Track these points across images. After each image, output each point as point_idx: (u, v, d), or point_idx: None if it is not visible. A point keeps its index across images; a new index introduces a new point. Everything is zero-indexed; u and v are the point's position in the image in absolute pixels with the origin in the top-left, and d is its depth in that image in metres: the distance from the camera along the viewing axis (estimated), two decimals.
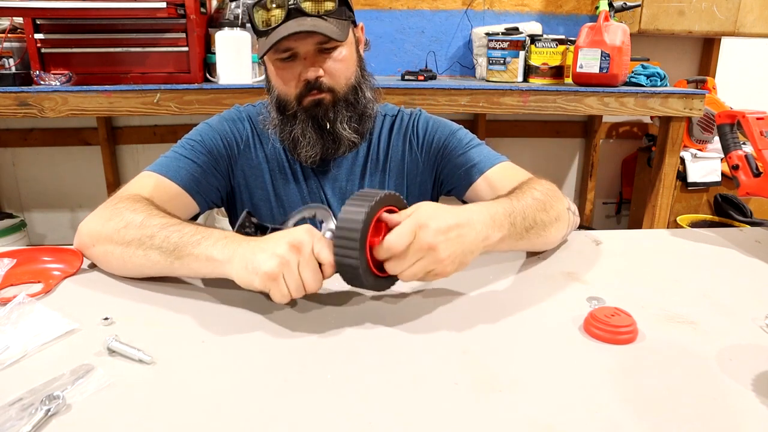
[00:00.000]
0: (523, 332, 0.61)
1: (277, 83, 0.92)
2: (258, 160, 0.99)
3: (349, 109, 0.93)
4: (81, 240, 0.78)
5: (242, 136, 0.98)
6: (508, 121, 2.57)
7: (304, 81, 0.89)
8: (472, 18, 2.37)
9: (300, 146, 0.93)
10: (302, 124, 0.92)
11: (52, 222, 2.52)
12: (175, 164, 0.90)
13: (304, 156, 0.94)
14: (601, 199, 2.80)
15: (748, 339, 0.60)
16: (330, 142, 0.93)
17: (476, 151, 0.97)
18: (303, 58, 0.89)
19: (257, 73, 1.92)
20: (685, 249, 0.90)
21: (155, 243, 0.69)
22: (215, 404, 0.49)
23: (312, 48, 0.88)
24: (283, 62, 0.90)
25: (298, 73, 0.90)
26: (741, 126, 0.95)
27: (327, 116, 0.91)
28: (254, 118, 1.01)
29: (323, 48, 0.89)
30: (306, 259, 0.60)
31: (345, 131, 0.93)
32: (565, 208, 0.86)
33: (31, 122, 2.34)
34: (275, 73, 0.92)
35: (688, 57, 2.66)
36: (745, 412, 0.48)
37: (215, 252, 0.65)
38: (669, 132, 1.93)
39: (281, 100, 0.93)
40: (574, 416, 0.47)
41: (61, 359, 0.55)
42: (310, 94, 0.90)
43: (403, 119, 1.04)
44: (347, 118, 0.93)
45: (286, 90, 0.91)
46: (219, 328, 0.62)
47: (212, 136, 0.96)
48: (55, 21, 1.74)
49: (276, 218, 1.00)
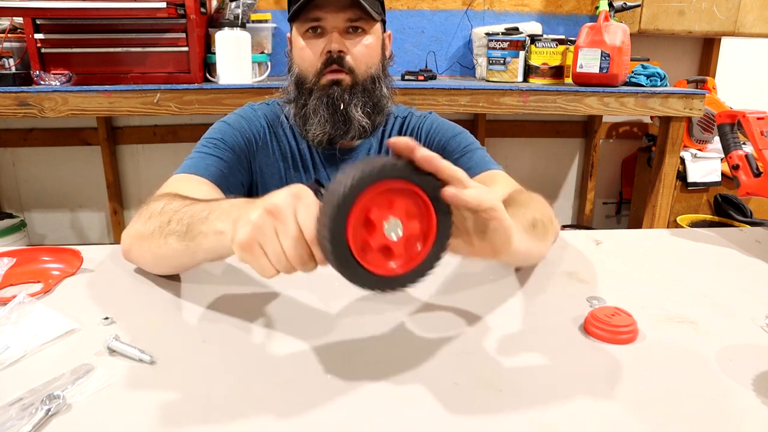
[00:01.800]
0: (523, 332, 0.61)
1: (299, 57, 0.93)
2: (275, 157, 1.00)
3: (365, 94, 0.94)
4: (122, 248, 0.76)
5: (259, 133, 0.99)
6: (508, 121, 2.57)
7: (327, 53, 0.90)
8: (472, 18, 2.37)
9: (309, 123, 0.93)
10: (316, 101, 0.92)
11: (52, 222, 2.52)
12: (203, 162, 0.90)
13: (312, 134, 0.94)
14: (601, 199, 2.80)
15: (748, 339, 0.60)
16: (341, 123, 0.93)
17: (470, 156, 0.97)
18: (330, 32, 0.90)
19: (257, 73, 1.92)
20: (685, 249, 0.90)
21: (171, 228, 0.64)
22: (215, 404, 0.49)
23: (341, 24, 0.89)
24: (310, 35, 0.91)
25: (322, 48, 0.90)
26: (741, 126, 0.95)
27: (342, 97, 0.92)
28: (269, 115, 1.02)
29: (352, 26, 0.90)
30: (285, 227, 0.50)
31: (357, 114, 0.93)
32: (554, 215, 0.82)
33: (31, 122, 2.33)
34: (300, 46, 0.92)
35: (688, 57, 2.66)
36: (745, 412, 0.48)
37: (220, 224, 0.58)
38: (669, 132, 1.93)
39: (301, 75, 0.94)
40: (574, 416, 0.47)
41: (61, 359, 0.55)
42: (331, 69, 0.91)
43: (411, 120, 1.05)
44: (362, 103, 0.94)
45: (307, 65, 0.92)
46: (219, 328, 0.62)
47: (233, 133, 0.96)
48: (55, 21, 1.74)
49: None
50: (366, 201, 0.45)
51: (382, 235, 0.47)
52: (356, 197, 0.45)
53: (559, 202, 2.77)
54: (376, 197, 0.46)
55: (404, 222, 0.48)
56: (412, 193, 0.48)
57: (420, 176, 0.47)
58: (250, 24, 1.97)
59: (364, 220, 0.47)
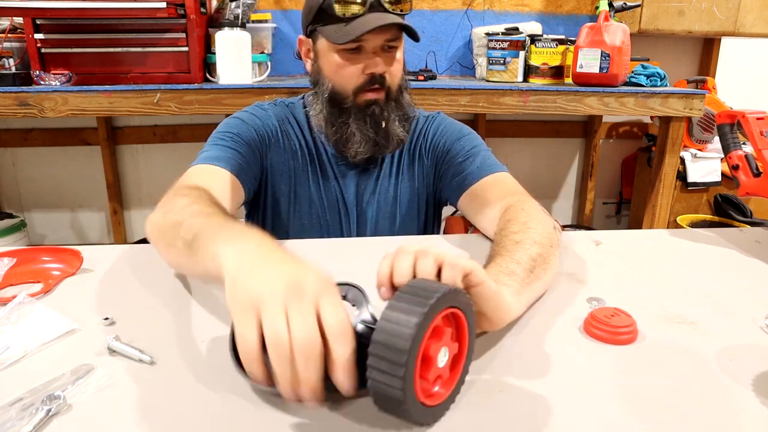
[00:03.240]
0: (523, 332, 0.61)
1: (336, 74, 0.93)
2: (285, 156, 1.00)
3: (398, 108, 0.95)
4: (146, 230, 0.73)
5: (272, 131, 0.99)
6: (508, 121, 2.57)
7: (369, 74, 0.91)
8: (472, 18, 2.37)
9: (352, 142, 0.94)
10: (358, 122, 0.93)
11: (52, 222, 2.52)
12: (222, 154, 0.89)
13: (354, 151, 0.95)
14: (601, 199, 2.80)
15: (748, 339, 0.60)
16: (383, 140, 0.95)
17: (472, 160, 0.97)
18: (370, 52, 0.90)
19: (257, 73, 1.92)
20: (685, 249, 0.90)
21: (181, 232, 0.60)
22: (215, 404, 0.49)
23: (380, 43, 0.90)
24: (348, 53, 0.90)
25: (362, 67, 0.90)
26: (741, 126, 0.95)
27: (383, 115, 0.93)
28: (278, 114, 1.02)
29: (388, 46, 0.91)
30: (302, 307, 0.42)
31: (396, 128, 0.95)
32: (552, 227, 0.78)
33: (31, 122, 2.34)
34: (336, 63, 0.91)
35: (688, 57, 2.66)
36: (745, 412, 0.48)
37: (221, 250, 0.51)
38: (669, 132, 1.93)
39: (336, 92, 0.94)
40: (574, 416, 0.47)
41: (61, 359, 0.55)
42: (371, 89, 0.92)
43: (419, 122, 1.05)
44: (398, 117, 0.95)
45: (344, 82, 0.92)
46: (219, 328, 0.62)
47: (247, 128, 0.96)
48: (55, 21, 1.74)
49: (292, 216, 1.02)
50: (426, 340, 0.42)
51: (437, 367, 0.44)
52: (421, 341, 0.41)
53: (559, 202, 2.77)
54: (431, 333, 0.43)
55: (449, 345, 0.46)
56: (451, 314, 0.46)
57: (458, 296, 0.45)
58: (250, 24, 1.97)
59: (423, 358, 0.43)
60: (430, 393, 0.45)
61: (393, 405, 0.41)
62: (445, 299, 0.43)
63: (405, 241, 0.93)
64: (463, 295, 0.46)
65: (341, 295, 0.48)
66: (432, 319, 0.42)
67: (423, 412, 0.43)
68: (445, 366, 0.45)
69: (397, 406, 0.41)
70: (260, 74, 1.93)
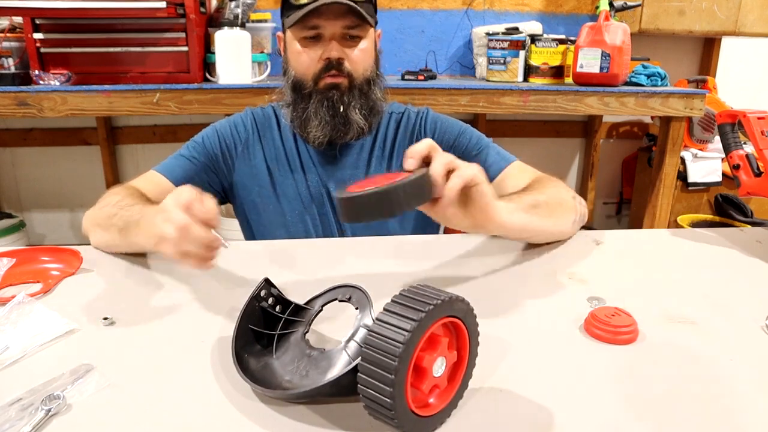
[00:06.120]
0: (523, 332, 0.61)
1: (297, 61, 0.96)
2: (258, 160, 1.02)
3: (362, 97, 0.97)
4: (82, 226, 0.88)
5: (242, 138, 1.03)
6: (508, 121, 2.57)
7: (326, 60, 0.93)
8: (472, 18, 2.37)
9: (310, 126, 0.96)
10: (316, 105, 0.95)
11: (52, 222, 2.52)
12: (173, 163, 0.99)
13: (313, 136, 0.97)
14: (601, 199, 2.80)
15: (748, 339, 0.60)
16: (341, 125, 0.96)
17: (488, 151, 1.00)
18: (328, 40, 0.92)
19: (257, 73, 1.92)
20: (685, 249, 0.90)
21: (114, 221, 0.77)
22: (215, 404, 0.49)
23: (339, 31, 0.92)
24: (307, 41, 0.94)
25: (320, 53, 0.93)
26: (742, 125, 0.95)
27: (342, 100, 0.95)
28: (259, 119, 1.05)
29: (349, 35, 0.93)
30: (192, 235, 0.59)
31: (356, 116, 0.96)
32: (571, 197, 0.88)
33: (31, 122, 2.33)
34: (297, 51, 0.95)
35: (689, 57, 2.66)
36: (745, 412, 0.48)
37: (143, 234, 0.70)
38: (669, 132, 1.93)
39: (298, 80, 0.97)
40: (574, 416, 0.47)
41: (61, 359, 0.55)
42: (329, 74, 0.94)
43: (410, 117, 1.06)
44: (360, 105, 0.97)
45: (305, 69, 0.95)
46: (219, 328, 0.62)
47: (213, 137, 1.03)
48: (55, 21, 1.74)
49: (276, 214, 1.01)
50: (419, 352, 0.42)
51: (432, 377, 0.44)
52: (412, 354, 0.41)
53: None
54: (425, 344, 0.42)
55: (447, 355, 0.45)
56: (450, 323, 0.45)
57: (456, 304, 0.44)
58: (250, 24, 1.96)
59: (416, 369, 0.42)
60: (425, 403, 0.44)
61: (383, 414, 0.41)
62: (441, 308, 0.42)
63: (405, 241, 0.93)
64: (463, 303, 0.45)
65: (346, 297, 0.58)
66: (426, 328, 0.41)
67: (415, 422, 0.43)
68: (442, 376, 0.45)
69: (387, 415, 0.41)
70: (260, 74, 1.93)
